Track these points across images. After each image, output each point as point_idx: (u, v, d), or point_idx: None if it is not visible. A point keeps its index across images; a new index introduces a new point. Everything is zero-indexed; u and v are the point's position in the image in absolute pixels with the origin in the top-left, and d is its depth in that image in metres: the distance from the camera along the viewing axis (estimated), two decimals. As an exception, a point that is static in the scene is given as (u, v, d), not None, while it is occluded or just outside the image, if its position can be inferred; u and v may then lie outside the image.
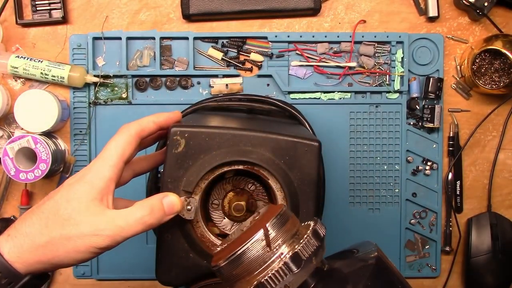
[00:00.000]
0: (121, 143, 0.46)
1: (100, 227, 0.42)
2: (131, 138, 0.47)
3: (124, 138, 0.47)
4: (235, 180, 0.55)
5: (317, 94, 0.76)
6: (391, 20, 0.77)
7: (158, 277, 0.53)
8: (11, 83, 0.76)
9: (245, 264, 0.37)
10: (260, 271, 0.36)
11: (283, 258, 0.36)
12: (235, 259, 0.37)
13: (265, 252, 0.37)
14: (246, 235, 0.38)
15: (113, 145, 0.46)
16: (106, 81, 0.75)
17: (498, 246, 0.75)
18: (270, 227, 0.37)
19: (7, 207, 0.77)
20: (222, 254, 0.39)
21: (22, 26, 0.76)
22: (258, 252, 0.37)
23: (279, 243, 0.37)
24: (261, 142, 0.52)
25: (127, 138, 0.47)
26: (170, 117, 0.51)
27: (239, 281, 0.37)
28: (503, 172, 0.78)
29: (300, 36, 0.75)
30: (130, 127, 0.48)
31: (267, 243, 0.37)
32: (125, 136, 0.47)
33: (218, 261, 0.38)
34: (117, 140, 0.47)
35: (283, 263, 0.36)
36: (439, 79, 0.75)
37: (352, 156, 0.76)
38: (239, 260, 0.37)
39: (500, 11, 0.77)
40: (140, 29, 0.76)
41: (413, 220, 0.77)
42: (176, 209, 0.47)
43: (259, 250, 0.37)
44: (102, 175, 0.44)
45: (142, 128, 0.48)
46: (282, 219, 0.38)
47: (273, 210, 0.40)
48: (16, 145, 0.69)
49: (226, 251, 0.38)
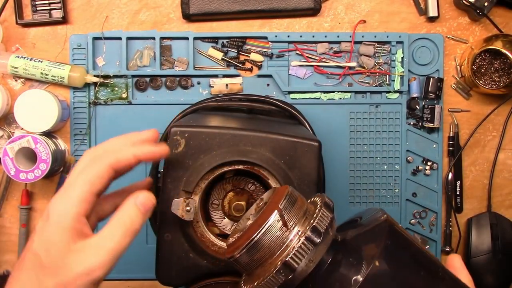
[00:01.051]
0: (90, 177, 0.42)
1: (92, 260, 0.40)
2: (103, 171, 0.43)
3: (95, 172, 0.42)
4: (235, 180, 0.55)
5: (317, 94, 0.76)
6: (391, 20, 0.77)
7: (158, 277, 0.53)
8: (11, 83, 0.76)
9: (265, 247, 0.37)
10: (280, 252, 0.37)
11: (302, 234, 0.36)
12: (254, 244, 0.37)
13: (283, 233, 0.37)
14: (261, 219, 0.38)
15: (81, 179, 0.42)
16: (106, 81, 0.75)
17: (498, 246, 0.75)
18: (282, 207, 0.37)
19: (7, 207, 0.77)
20: (237, 243, 0.38)
21: (22, 26, 0.76)
22: (276, 233, 0.37)
23: (295, 221, 0.37)
24: (261, 142, 0.52)
25: (98, 171, 0.42)
26: (155, 153, 0.46)
27: (260, 266, 0.37)
28: (503, 172, 0.78)
29: (300, 36, 0.75)
30: (104, 158, 0.43)
31: (283, 223, 0.37)
32: (97, 168, 0.42)
33: (234, 251, 0.38)
34: (86, 172, 0.42)
35: (304, 238, 0.36)
36: (439, 79, 0.75)
37: (352, 156, 0.76)
38: (258, 245, 0.37)
39: (500, 11, 0.77)
40: (140, 29, 0.76)
41: (413, 220, 0.77)
42: (151, 204, 0.44)
43: (277, 231, 0.37)
44: (69, 213, 0.41)
45: (119, 160, 0.43)
46: (291, 199, 0.39)
47: (280, 192, 0.40)
48: (16, 145, 0.69)
49: (242, 240, 0.38)
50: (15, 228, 0.77)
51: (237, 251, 0.38)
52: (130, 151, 0.44)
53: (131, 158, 0.44)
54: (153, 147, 0.46)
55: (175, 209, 0.48)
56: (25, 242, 0.76)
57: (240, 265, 0.38)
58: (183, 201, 0.49)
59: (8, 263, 0.77)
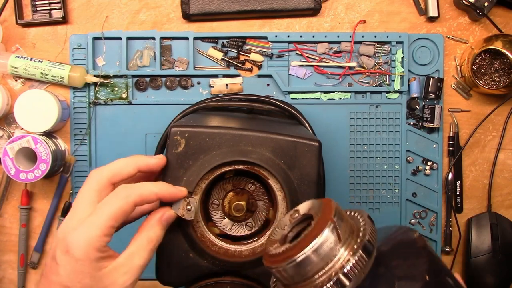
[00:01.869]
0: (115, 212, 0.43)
1: (124, 278, 0.42)
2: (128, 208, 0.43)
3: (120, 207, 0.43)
4: (235, 180, 0.55)
5: (317, 94, 0.76)
6: (391, 20, 0.77)
7: (158, 277, 0.53)
8: (11, 83, 0.76)
9: (315, 260, 0.36)
10: (331, 266, 0.36)
11: (357, 249, 0.36)
12: (307, 256, 0.36)
13: (334, 246, 0.37)
14: (315, 231, 0.37)
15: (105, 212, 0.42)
16: (106, 81, 0.75)
17: (498, 246, 0.75)
18: (336, 220, 0.37)
19: (7, 207, 0.77)
20: (287, 254, 0.38)
21: (22, 26, 0.76)
22: (330, 246, 0.36)
23: (345, 236, 0.37)
24: (261, 142, 0.52)
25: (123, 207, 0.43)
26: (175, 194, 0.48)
27: (307, 279, 0.37)
28: (503, 172, 0.78)
29: (300, 36, 0.75)
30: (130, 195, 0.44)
31: (337, 236, 0.37)
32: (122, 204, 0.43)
33: (283, 261, 0.37)
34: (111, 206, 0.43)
35: (359, 254, 0.36)
36: (439, 79, 0.75)
37: (352, 156, 0.76)
38: (310, 257, 0.36)
39: (500, 11, 0.77)
40: (140, 29, 0.76)
41: (413, 220, 0.77)
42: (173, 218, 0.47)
43: (330, 244, 0.36)
44: (94, 247, 0.41)
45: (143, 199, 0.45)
46: (340, 213, 0.39)
47: (328, 205, 0.39)
48: (16, 145, 0.69)
49: (294, 250, 0.37)
50: (15, 228, 0.77)
51: (287, 261, 0.37)
52: (153, 190, 0.45)
53: (153, 197, 0.45)
54: (174, 189, 0.48)
55: (176, 208, 0.49)
56: (25, 242, 0.76)
57: (283, 276, 0.38)
58: (184, 200, 0.49)
59: (8, 263, 0.77)
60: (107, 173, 0.45)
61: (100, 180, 0.45)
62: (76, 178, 0.76)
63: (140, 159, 0.48)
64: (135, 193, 0.44)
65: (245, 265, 0.53)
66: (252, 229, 0.55)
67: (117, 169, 0.46)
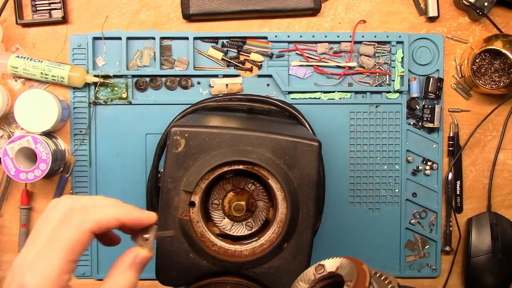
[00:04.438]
0: (69, 244, 0.37)
1: None
2: (83, 237, 0.38)
3: (74, 237, 0.38)
4: (235, 180, 0.55)
5: (317, 94, 0.76)
6: (391, 20, 0.77)
7: (158, 277, 0.53)
8: (11, 83, 0.76)
9: None
10: None
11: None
12: None
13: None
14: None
15: (59, 247, 0.37)
16: (106, 81, 0.75)
17: (498, 246, 0.75)
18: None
19: (7, 207, 0.77)
20: None
21: (22, 26, 0.76)
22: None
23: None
24: (261, 142, 0.52)
25: (78, 236, 0.38)
26: (141, 219, 0.42)
27: None
28: (503, 172, 0.78)
29: (300, 36, 0.75)
30: (84, 221, 0.38)
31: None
32: (76, 233, 0.38)
33: None
34: (63, 238, 0.38)
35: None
36: (439, 79, 0.75)
37: (352, 156, 0.76)
38: None
39: (500, 11, 0.77)
40: (140, 29, 0.76)
41: (413, 220, 0.77)
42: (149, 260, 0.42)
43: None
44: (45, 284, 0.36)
45: (100, 225, 0.39)
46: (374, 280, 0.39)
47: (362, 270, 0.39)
48: (16, 145, 0.69)
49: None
50: (15, 228, 0.77)
51: None
52: (113, 215, 0.40)
53: (114, 223, 0.40)
54: (139, 214, 0.41)
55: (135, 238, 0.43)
56: (25, 242, 0.75)
57: None
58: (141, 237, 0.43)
59: (8, 263, 0.77)
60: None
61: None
62: (76, 178, 0.76)
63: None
64: (91, 219, 0.39)
65: (245, 265, 0.53)
66: (252, 229, 0.55)
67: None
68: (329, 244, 0.76)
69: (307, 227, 0.53)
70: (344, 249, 0.76)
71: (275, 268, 0.53)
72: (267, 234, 0.53)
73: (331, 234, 0.76)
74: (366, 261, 0.39)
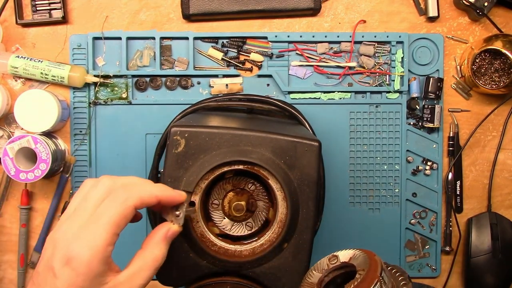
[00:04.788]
0: (115, 218, 0.40)
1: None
2: (128, 212, 0.41)
3: (120, 212, 0.40)
4: (235, 180, 0.55)
5: (317, 94, 0.76)
6: (391, 20, 0.77)
7: (158, 277, 0.53)
8: (11, 83, 0.76)
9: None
10: None
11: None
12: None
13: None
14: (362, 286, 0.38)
15: (105, 220, 0.40)
16: (106, 81, 0.75)
17: (498, 246, 0.75)
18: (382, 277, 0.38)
19: (7, 207, 0.77)
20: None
21: (22, 26, 0.76)
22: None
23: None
24: (261, 142, 0.52)
25: (123, 212, 0.41)
26: (174, 197, 0.46)
27: None
28: (503, 172, 0.78)
29: (300, 36, 0.75)
30: (129, 197, 0.41)
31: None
32: (122, 209, 0.41)
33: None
34: (110, 212, 0.40)
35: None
36: (439, 79, 0.75)
37: (352, 156, 0.76)
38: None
39: (500, 11, 0.77)
40: (140, 29, 0.76)
41: (413, 220, 0.77)
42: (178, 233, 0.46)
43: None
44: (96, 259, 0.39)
45: (143, 202, 0.42)
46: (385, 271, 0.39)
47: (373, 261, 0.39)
48: (16, 145, 0.69)
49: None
50: (15, 228, 0.77)
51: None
52: (154, 192, 0.43)
53: (153, 200, 0.43)
54: (174, 192, 0.46)
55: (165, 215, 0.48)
56: (25, 242, 0.76)
57: None
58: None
59: (8, 263, 0.77)
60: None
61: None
62: (76, 178, 0.76)
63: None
64: (135, 196, 0.42)
65: (245, 265, 0.53)
66: (252, 229, 0.55)
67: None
68: (329, 244, 0.76)
69: (307, 227, 0.53)
70: (344, 249, 0.76)
71: (275, 268, 0.53)
72: (267, 234, 0.53)
73: (331, 234, 0.76)
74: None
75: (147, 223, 0.74)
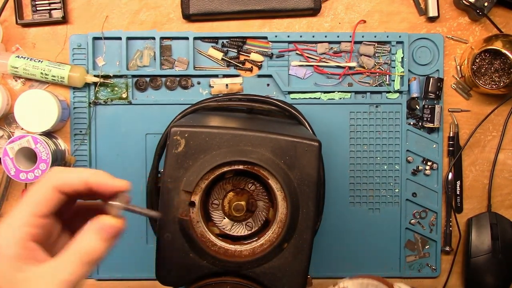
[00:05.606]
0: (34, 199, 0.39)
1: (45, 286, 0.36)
2: (47, 192, 0.39)
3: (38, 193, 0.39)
4: (235, 180, 0.55)
5: (317, 94, 0.76)
6: (391, 20, 0.77)
7: (158, 277, 0.53)
8: (11, 83, 0.76)
9: None
10: None
11: None
12: None
13: None
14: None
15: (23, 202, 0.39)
16: (106, 81, 0.75)
17: (498, 246, 0.75)
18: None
19: (7, 207, 0.77)
20: None
21: (22, 26, 0.76)
22: None
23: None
24: (261, 142, 0.52)
25: (42, 192, 0.39)
26: (108, 184, 0.41)
27: None
28: (503, 172, 0.78)
29: (300, 36, 0.75)
30: (47, 179, 0.40)
31: None
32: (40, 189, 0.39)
33: None
34: (29, 195, 0.39)
35: None
36: (439, 79, 0.75)
37: (352, 156, 0.76)
38: None
39: (500, 11, 0.77)
40: (140, 29, 0.76)
41: (413, 220, 0.77)
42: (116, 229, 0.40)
43: None
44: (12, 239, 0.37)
45: (64, 182, 0.40)
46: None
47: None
48: (16, 145, 0.69)
49: None
50: (15, 228, 0.77)
51: None
52: (82, 176, 0.40)
53: (81, 185, 0.40)
54: (110, 180, 0.41)
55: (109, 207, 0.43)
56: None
57: None
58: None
59: (8, 263, 0.77)
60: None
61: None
62: (76, 178, 0.75)
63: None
64: (56, 177, 0.40)
65: (245, 265, 0.53)
66: (252, 229, 0.55)
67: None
68: (329, 244, 0.76)
69: (307, 227, 0.53)
70: (344, 249, 0.76)
71: (275, 268, 0.53)
72: (267, 234, 0.53)
73: (331, 234, 0.76)
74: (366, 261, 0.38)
75: (147, 227, 0.74)
